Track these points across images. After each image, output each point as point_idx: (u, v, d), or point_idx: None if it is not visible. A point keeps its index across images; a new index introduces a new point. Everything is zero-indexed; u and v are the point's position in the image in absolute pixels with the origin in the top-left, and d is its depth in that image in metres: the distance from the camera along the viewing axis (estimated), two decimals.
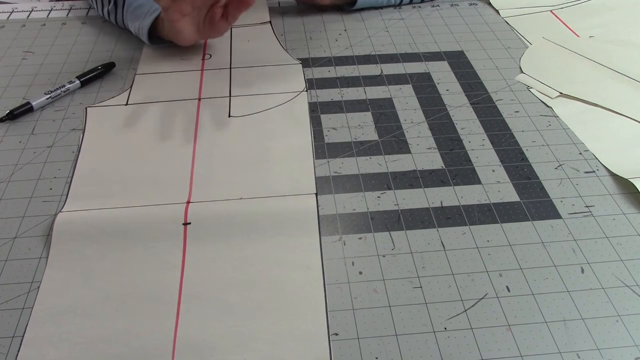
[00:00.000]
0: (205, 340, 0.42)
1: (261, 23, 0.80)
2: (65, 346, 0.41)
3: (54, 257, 0.47)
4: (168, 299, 0.44)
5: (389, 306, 0.44)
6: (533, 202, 0.53)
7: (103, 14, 0.79)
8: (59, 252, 0.48)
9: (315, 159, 0.57)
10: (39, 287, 0.46)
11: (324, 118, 0.63)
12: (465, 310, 0.44)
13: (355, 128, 0.62)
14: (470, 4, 0.85)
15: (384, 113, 0.64)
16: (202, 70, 0.70)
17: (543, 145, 0.59)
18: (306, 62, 0.72)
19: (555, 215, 0.51)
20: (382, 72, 0.70)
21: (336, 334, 0.42)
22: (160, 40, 0.73)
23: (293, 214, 0.50)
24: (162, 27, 0.70)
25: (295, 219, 0.50)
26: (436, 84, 0.68)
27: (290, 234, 0.49)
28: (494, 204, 0.53)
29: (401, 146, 0.59)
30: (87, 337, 0.42)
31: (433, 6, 0.85)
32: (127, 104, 0.64)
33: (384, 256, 0.48)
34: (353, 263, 0.47)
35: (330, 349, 0.41)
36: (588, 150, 0.58)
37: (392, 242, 0.49)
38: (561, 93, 0.66)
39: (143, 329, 0.42)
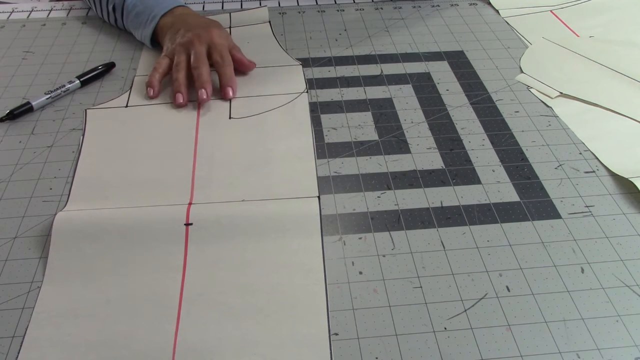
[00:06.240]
0: (205, 343, 0.42)
1: (261, 23, 0.80)
2: (66, 348, 0.41)
3: (53, 257, 0.47)
4: (169, 301, 0.44)
5: (389, 306, 0.44)
6: (533, 202, 0.53)
7: (102, 16, 0.79)
8: (58, 252, 0.47)
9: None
10: (39, 287, 0.46)
11: (324, 118, 0.63)
12: (465, 310, 0.44)
13: (355, 128, 0.61)
14: (470, 4, 0.85)
15: (384, 113, 0.64)
16: None
17: (543, 145, 0.59)
18: (306, 62, 0.72)
19: (555, 215, 0.51)
20: (382, 72, 0.70)
21: (336, 334, 0.42)
22: None
23: (295, 217, 0.50)
24: (163, 34, 0.71)
25: (298, 222, 0.49)
26: (436, 84, 0.68)
27: (293, 237, 0.48)
28: (494, 204, 0.53)
29: (401, 146, 0.59)
30: (88, 339, 0.42)
31: (433, 6, 0.85)
32: (127, 106, 0.64)
33: (384, 256, 0.48)
34: (353, 263, 0.47)
35: (331, 353, 0.41)
36: (588, 150, 0.58)
37: (392, 242, 0.49)
38: (561, 93, 0.66)
39: (143, 331, 0.42)
